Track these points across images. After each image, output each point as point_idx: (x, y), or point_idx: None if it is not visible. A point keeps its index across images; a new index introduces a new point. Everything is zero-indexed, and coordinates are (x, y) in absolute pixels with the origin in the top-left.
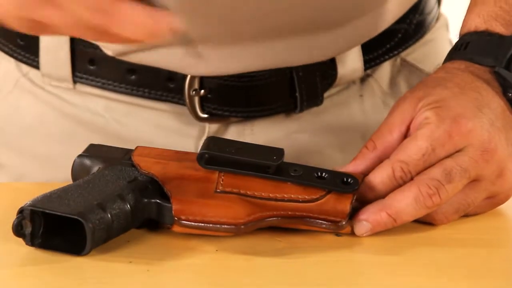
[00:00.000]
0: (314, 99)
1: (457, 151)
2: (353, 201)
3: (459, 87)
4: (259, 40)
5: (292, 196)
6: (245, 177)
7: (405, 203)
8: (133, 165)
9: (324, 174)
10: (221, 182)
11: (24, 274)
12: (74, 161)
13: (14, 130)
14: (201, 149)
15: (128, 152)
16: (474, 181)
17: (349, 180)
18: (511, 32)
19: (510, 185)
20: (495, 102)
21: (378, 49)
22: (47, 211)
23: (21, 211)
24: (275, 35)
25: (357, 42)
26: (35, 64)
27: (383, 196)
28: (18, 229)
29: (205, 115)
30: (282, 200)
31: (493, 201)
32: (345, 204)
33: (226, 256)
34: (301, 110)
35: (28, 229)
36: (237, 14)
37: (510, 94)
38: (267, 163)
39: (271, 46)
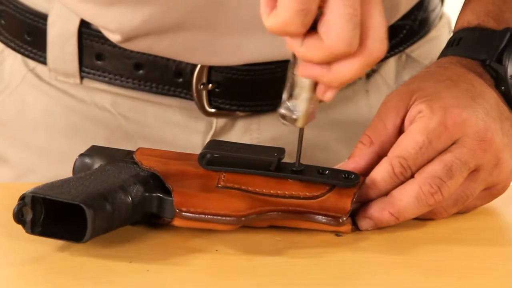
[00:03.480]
0: None
1: (454, 142)
2: (354, 199)
3: (451, 80)
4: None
5: (293, 193)
6: (246, 174)
7: (406, 201)
8: (135, 163)
9: (325, 171)
10: (223, 178)
11: (24, 273)
12: (76, 161)
13: (20, 125)
14: (202, 150)
15: (129, 153)
16: (473, 171)
17: (350, 176)
18: (503, 27)
19: (506, 175)
20: (488, 93)
21: None
22: (48, 197)
23: (22, 198)
24: None
25: None
26: (42, 60)
27: (385, 193)
28: (18, 216)
29: (213, 110)
30: (283, 196)
31: (491, 192)
32: (345, 202)
33: (226, 256)
34: None
35: (28, 216)
36: (249, 2)
37: (502, 87)
38: (267, 159)
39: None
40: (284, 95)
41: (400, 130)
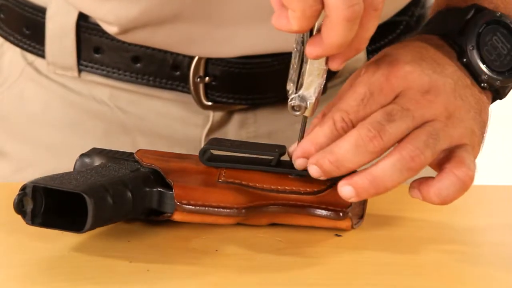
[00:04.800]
0: None
1: (397, 96)
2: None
3: (403, 45)
4: (266, 21)
5: (294, 188)
6: (247, 170)
7: (345, 149)
8: (135, 161)
9: None
10: (223, 174)
11: (24, 274)
12: (76, 161)
13: (19, 118)
14: (203, 146)
15: (130, 154)
16: (427, 122)
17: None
18: (470, 4)
19: (464, 131)
20: (445, 61)
21: (380, 40)
22: (49, 186)
23: (23, 188)
24: None
25: None
26: (40, 53)
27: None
28: (19, 207)
29: (209, 103)
30: (284, 192)
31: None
32: None
33: (226, 256)
34: None
35: (29, 207)
36: None
37: (464, 59)
38: (268, 153)
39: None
40: (291, 87)
41: None
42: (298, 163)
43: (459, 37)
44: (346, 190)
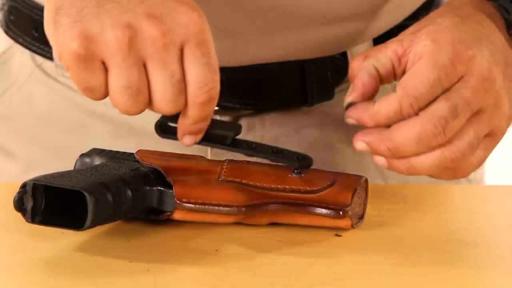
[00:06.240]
0: (325, 93)
1: (458, 80)
2: (354, 195)
3: (460, 17)
4: (272, 31)
5: (294, 187)
6: (247, 168)
7: (406, 139)
8: (136, 161)
9: (280, 151)
10: (224, 173)
11: (23, 274)
12: (76, 161)
13: (27, 120)
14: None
15: (130, 155)
16: (476, 114)
17: (304, 157)
18: None
19: (504, 119)
20: (497, 36)
21: None
22: (49, 184)
23: (23, 186)
24: (287, 27)
25: (368, 36)
26: (49, 56)
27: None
28: (19, 204)
29: (216, 108)
30: (284, 190)
31: (493, 139)
32: (346, 196)
33: (226, 256)
34: (312, 104)
35: (29, 205)
36: (251, 4)
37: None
38: (224, 134)
39: (283, 38)
40: None
41: (400, 60)
42: (348, 120)
43: (510, 4)
44: (362, 147)
